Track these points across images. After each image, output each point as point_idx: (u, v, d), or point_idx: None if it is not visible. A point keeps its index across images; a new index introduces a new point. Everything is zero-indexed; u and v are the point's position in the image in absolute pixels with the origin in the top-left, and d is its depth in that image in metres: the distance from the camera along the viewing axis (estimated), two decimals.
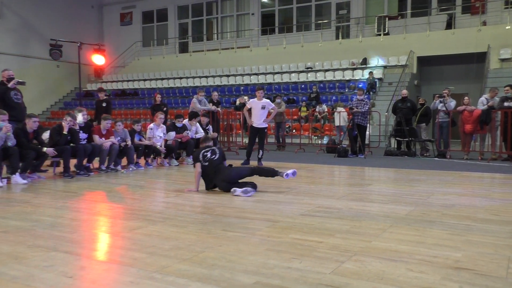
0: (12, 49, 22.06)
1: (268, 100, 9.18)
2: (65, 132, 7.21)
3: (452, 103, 10.87)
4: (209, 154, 5.73)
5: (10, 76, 7.50)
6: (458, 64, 18.63)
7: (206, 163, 5.68)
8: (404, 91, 11.99)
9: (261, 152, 9.02)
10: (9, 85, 7.37)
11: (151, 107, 11.23)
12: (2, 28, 21.65)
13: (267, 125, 9.29)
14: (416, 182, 6.61)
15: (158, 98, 11.13)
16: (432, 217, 4.19)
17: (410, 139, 11.34)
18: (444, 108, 10.86)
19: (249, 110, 9.15)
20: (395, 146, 11.93)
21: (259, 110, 8.89)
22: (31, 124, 6.83)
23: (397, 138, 11.78)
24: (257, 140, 9.02)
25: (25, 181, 6.47)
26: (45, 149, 6.89)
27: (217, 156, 5.79)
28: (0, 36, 21.54)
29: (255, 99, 9.04)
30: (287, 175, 5.67)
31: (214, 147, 5.92)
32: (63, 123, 7.33)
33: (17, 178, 6.43)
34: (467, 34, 17.49)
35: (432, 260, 2.88)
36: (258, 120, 8.91)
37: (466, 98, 10.66)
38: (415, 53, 18.27)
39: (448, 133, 10.83)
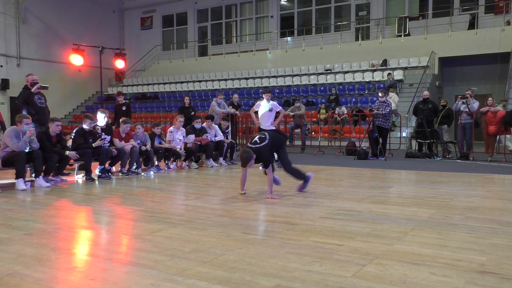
0: (36, 54, 22.56)
1: (275, 103, 9.19)
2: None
3: (475, 104, 10.66)
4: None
5: (34, 81, 7.65)
6: (481, 65, 18.26)
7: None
8: (426, 93, 11.81)
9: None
10: (33, 89, 7.52)
11: (179, 109, 11.33)
12: (26, 33, 22.16)
13: (275, 128, 9.26)
14: (438, 185, 6.49)
15: (187, 100, 11.24)
16: (455, 220, 4.10)
17: (432, 141, 11.15)
18: (466, 109, 10.66)
19: (256, 112, 9.16)
20: (416, 148, 11.75)
21: (266, 113, 8.89)
22: (54, 128, 6.96)
23: (418, 140, 11.60)
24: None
25: (48, 184, 6.59)
26: (67, 152, 7.01)
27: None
28: (24, 41, 22.05)
29: (263, 101, 9.06)
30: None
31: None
32: (84, 125, 7.45)
33: (40, 181, 6.56)
34: (491, 34, 17.13)
35: (455, 264, 2.82)
36: (266, 122, 8.91)
37: (490, 99, 10.43)
38: (436, 54, 17.98)
39: (471, 135, 10.62)
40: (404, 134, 14.04)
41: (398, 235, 3.56)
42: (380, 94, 11.08)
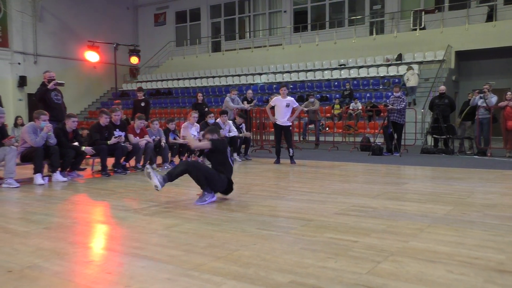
0: (52, 51, 22.82)
1: (292, 98, 9.17)
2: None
3: (494, 99, 10.48)
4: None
5: (51, 78, 7.75)
6: (500, 58, 17.94)
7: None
8: (442, 87, 11.66)
9: (291, 151, 9.01)
10: (49, 86, 7.62)
11: (193, 105, 11.37)
12: (43, 31, 22.42)
13: (291, 123, 9.26)
14: (455, 181, 6.41)
15: (200, 96, 11.27)
16: (472, 217, 4.05)
17: (448, 136, 11.01)
18: (484, 104, 10.50)
19: (272, 108, 9.16)
20: (432, 144, 11.62)
21: (283, 108, 8.88)
22: (70, 124, 7.05)
23: (434, 136, 11.46)
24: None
25: (65, 179, 6.69)
26: (83, 148, 7.10)
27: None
28: (40, 38, 22.32)
29: (279, 96, 9.04)
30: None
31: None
32: (100, 121, 7.54)
33: (57, 176, 6.65)
34: (510, 26, 16.79)
35: (473, 262, 2.78)
36: (282, 118, 8.91)
37: (509, 93, 10.23)
38: (453, 48, 17.71)
39: (489, 130, 10.45)
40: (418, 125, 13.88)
41: (414, 232, 3.53)
42: (395, 89, 10.97)
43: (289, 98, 9.02)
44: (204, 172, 4.88)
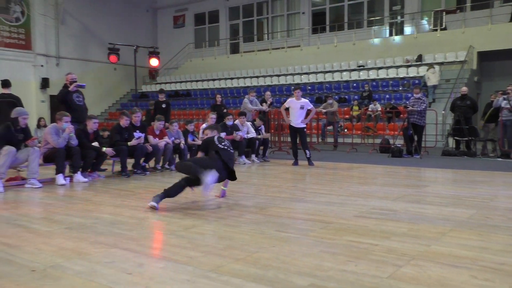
0: (74, 53, 23.22)
1: (307, 100, 9.16)
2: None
3: None
4: (226, 142, 5.22)
5: (73, 80, 7.87)
6: None
7: (222, 147, 5.08)
8: (464, 88, 11.45)
9: (307, 152, 8.98)
10: (70, 88, 7.74)
11: (212, 107, 11.42)
12: (65, 33, 22.83)
13: (305, 125, 9.23)
14: (478, 184, 6.29)
15: (219, 98, 11.31)
16: (496, 221, 3.96)
17: (470, 138, 10.81)
18: (508, 106, 10.27)
19: (287, 109, 9.14)
20: (453, 146, 11.42)
21: (298, 110, 8.90)
22: (91, 125, 7.15)
23: (455, 138, 11.27)
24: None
25: (86, 180, 6.79)
26: (104, 149, 7.19)
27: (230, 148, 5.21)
28: (63, 41, 22.73)
29: (293, 98, 9.04)
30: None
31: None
32: (120, 122, 7.63)
33: (78, 176, 6.76)
34: None
35: (498, 268, 2.72)
36: (296, 120, 8.93)
37: None
38: (475, 48, 17.38)
39: None
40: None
41: (435, 236, 3.47)
42: (415, 91, 10.82)
43: (303, 100, 9.03)
44: (191, 162, 4.86)
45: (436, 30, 18.90)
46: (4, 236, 3.54)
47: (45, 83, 21.64)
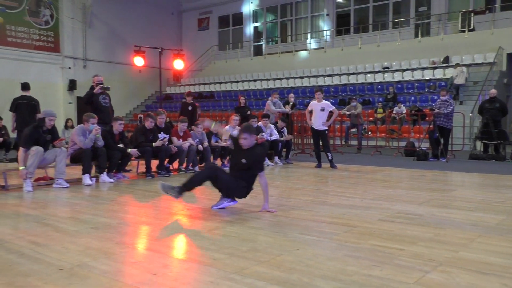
0: (100, 55, 23.69)
1: (328, 102, 9.10)
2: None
3: None
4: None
5: (99, 82, 8.02)
6: None
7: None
8: (493, 91, 11.17)
9: (329, 155, 8.92)
10: (95, 90, 7.88)
11: (235, 109, 11.47)
12: (92, 36, 23.33)
13: (327, 128, 9.16)
14: (507, 189, 6.12)
15: (242, 100, 11.35)
16: None
17: (499, 141, 10.53)
18: None
19: (311, 112, 9.12)
20: (481, 150, 11.15)
21: (319, 112, 8.86)
22: (117, 126, 7.26)
23: (483, 141, 11.00)
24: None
25: (111, 180, 6.89)
26: (129, 150, 7.29)
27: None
28: (90, 43, 23.23)
29: (315, 101, 8.99)
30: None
31: None
32: (145, 123, 7.73)
33: (104, 177, 6.87)
34: None
35: None
36: (318, 122, 8.87)
37: None
38: (504, 50, 16.96)
39: None
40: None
41: (463, 242, 3.39)
42: (442, 93, 10.62)
43: (324, 102, 8.98)
44: (226, 182, 4.59)
45: (464, 31, 18.51)
46: (33, 235, 3.62)
47: (72, 85, 22.14)
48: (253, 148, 4.62)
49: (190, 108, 11.27)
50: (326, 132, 9.19)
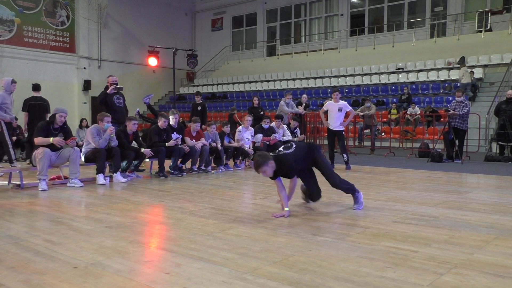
0: (115, 56, 23.92)
1: (345, 103, 9.05)
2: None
3: None
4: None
5: (114, 82, 8.09)
6: None
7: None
8: (510, 92, 11.01)
9: (345, 156, 8.88)
10: (108, 90, 7.95)
11: (249, 109, 11.50)
12: (107, 37, 23.57)
13: (343, 128, 9.11)
14: None
15: (256, 101, 11.38)
16: None
17: None
18: None
19: (326, 112, 9.07)
20: (497, 151, 10.99)
21: (336, 113, 8.81)
22: (131, 126, 7.32)
23: (499, 143, 10.84)
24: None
25: (125, 180, 6.95)
26: (143, 150, 7.35)
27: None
28: (105, 44, 23.47)
29: (332, 101, 8.95)
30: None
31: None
32: (158, 123, 7.78)
33: (118, 176, 6.93)
34: None
35: None
36: (335, 122, 8.84)
37: None
38: None
39: None
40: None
41: (479, 244, 3.34)
42: (457, 94, 10.49)
43: (341, 102, 8.94)
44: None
45: (480, 31, 18.26)
46: (48, 233, 3.67)
47: (87, 85, 22.38)
48: (279, 163, 4.45)
49: (199, 108, 11.33)
50: (343, 132, 9.15)
